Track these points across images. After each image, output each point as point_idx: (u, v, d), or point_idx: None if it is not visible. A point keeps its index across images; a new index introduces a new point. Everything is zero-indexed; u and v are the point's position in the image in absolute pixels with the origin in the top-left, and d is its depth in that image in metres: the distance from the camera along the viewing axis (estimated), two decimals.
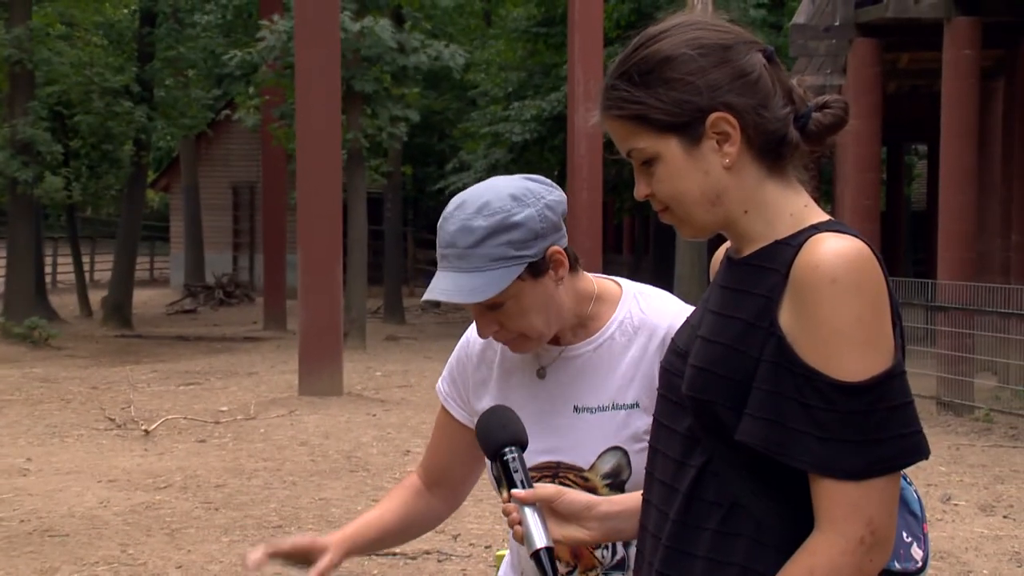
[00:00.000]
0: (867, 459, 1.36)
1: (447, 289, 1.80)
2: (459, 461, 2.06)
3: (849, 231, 1.42)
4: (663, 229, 18.78)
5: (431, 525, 2.10)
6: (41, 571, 5.52)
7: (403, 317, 20.38)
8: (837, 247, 1.38)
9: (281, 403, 10.48)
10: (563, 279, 1.87)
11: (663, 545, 1.51)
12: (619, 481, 1.87)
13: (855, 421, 1.36)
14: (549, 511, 1.65)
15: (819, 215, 1.48)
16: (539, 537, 1.61)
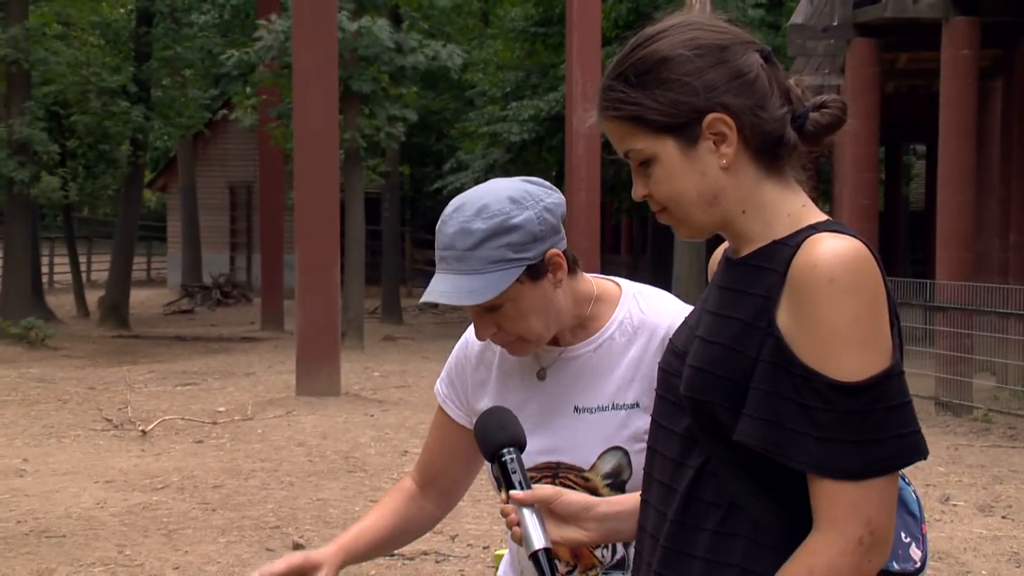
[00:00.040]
0: (865, 459, 1.36)
1: (446, 291, 1.80)
2: (456, 462, 2.06)
3: (847, 231, 1.42)
4: (661, 229, 18.78)
5: (425, 529, 2.10)
6: (38, 572, 5.51)
7: (401, 317, 20.37)
8: (835, 247, 1.38)
9: (278, 403, 10.47)
10: (561, 282, 1.86)
11: (661, 546, 1.51)
12: (620, 481, 1.86)
13: (853, 421, 1.36)
14: (547, 512, 1.64)
15: (817, 215, 1.48)
16: (537, 538, 1.61)
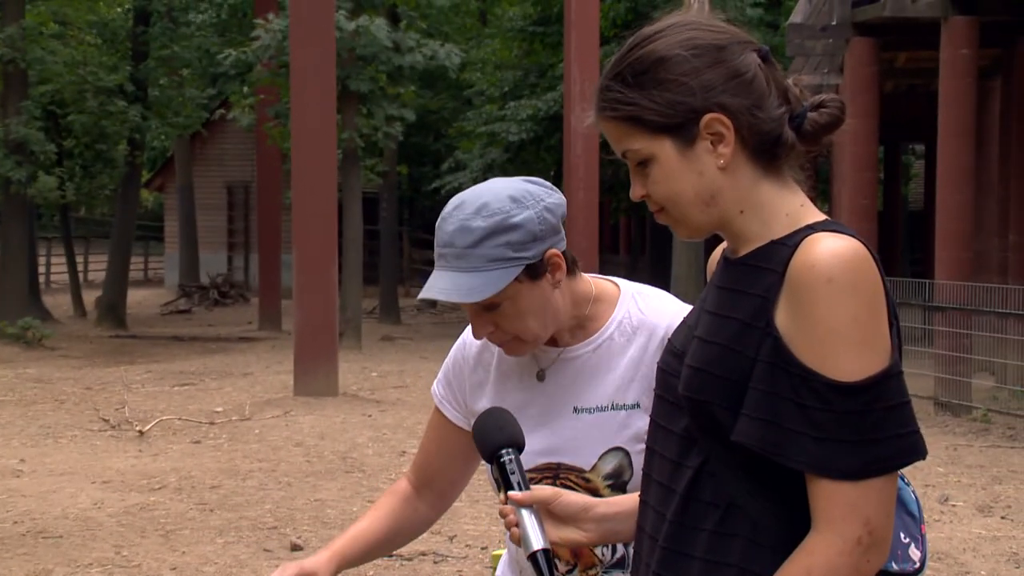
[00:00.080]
0: (864, 459, 1.36)
1: (445, 288, 1.80)
2: (452, 464, 2.05)
3: (846, 231, 1.42)
4: (660, 229, 18.76)
5: (420, 530, 2.10)
6: (34, 573, 5.49)
7: (399, 317, 20.35)
8: (833, 247, 1.37)
9: (276, 404, 10.45)
10: (560, 282, 1.86)
11: (660, 546, 1.51)
12: (621, 482, 1.86)
13: (851, 421, 1.35)
14: (546, 513, 1.64)
15: (815, 215, 1.48)
16: (536, 539, 1.61)
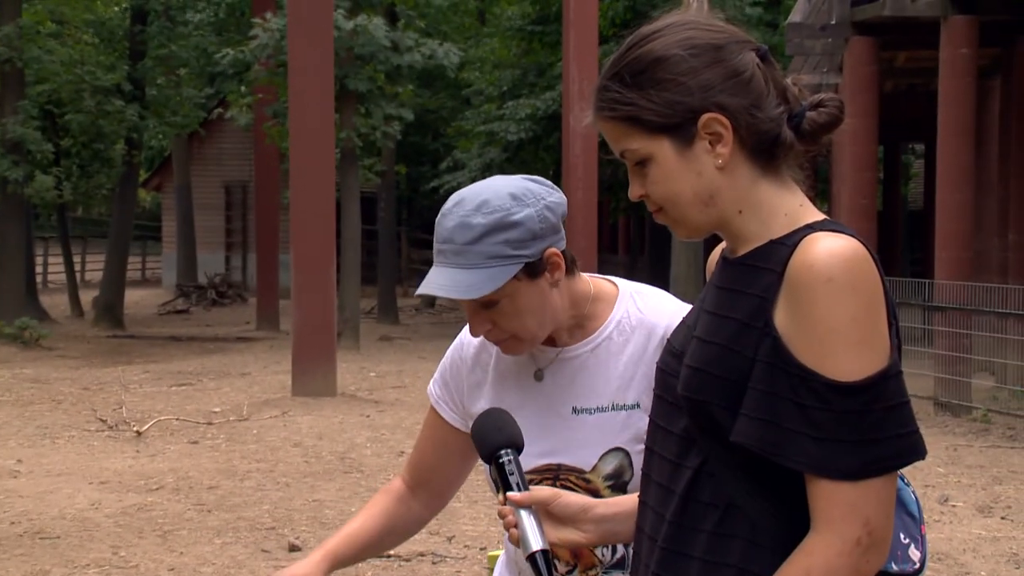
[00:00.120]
0: (863, 459, 1.36)
1: (443, 284, 1.80)
2: (448, 464, 2.05)
3: (845, 230, 1.41)
4: (659, 229, 18.73)
5: (414, 530, 2.09)
6: (31, 574, 5.47)
7: (397, 317, 20.33)
8: (832, 246, 1.37)
9: (274, 404, 10.43)
10: (559, 281, 1.85)
11: (659, 547, 1.51)
12: (621, 482, 1.86)
13: (851, 421, 1.35)
14: (545, 514, 1.64)
15: (814, 214, 1.48)
16: (535, 540, 1.60)
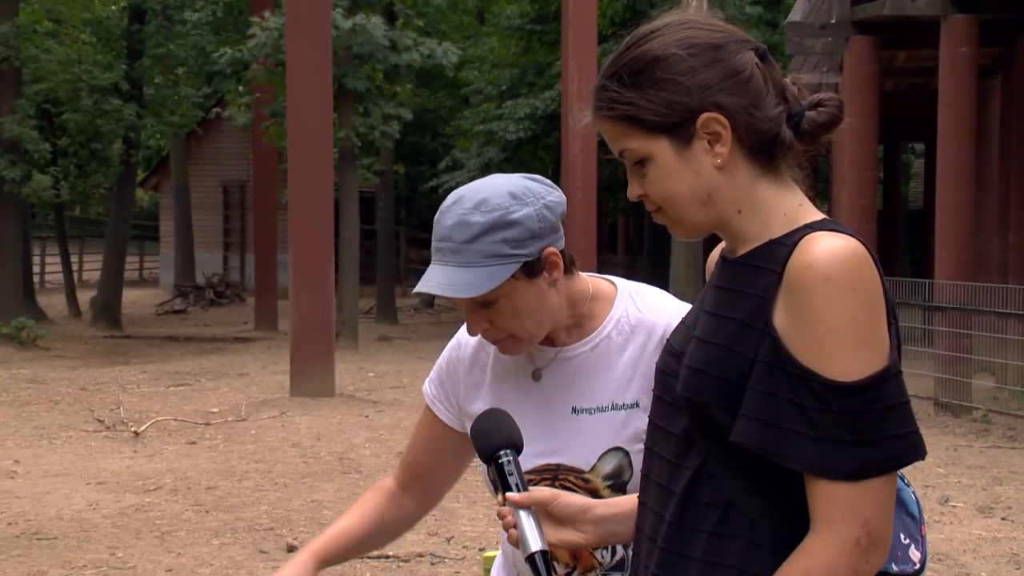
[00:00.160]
0: (863, 459, 1.35)
1: (441, 283, 1.79)
2: (442, 463, 2.05)
3: (844, 230, 1.41)
4: (658, 229, 18.68)
5: (405, 528, 2.08)
6: (29, 575, 5.45)
7: (395, 317, 20.30)
8: (831, 246, 1.37)
9: (272, 404, 10.41)
10: (557, 281, 1.85)
11: (659, 547, 1.51)
12: (621, 482, 1.85)
13: (850, 421, 1.35)
14: (544, 514, 1.64)
15: (814, 214, 1.47)
16: (534, 541, 1.60)
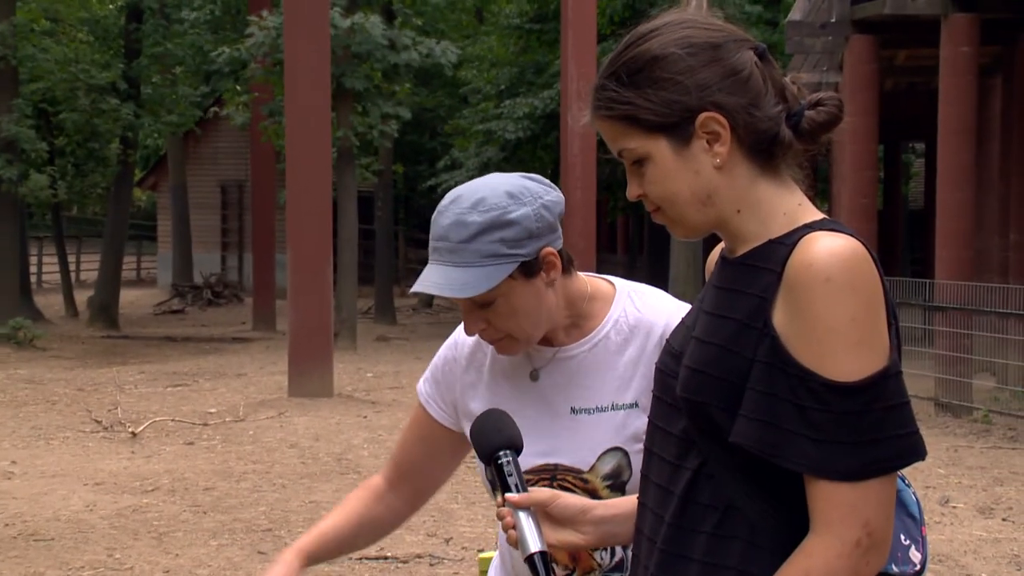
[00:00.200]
0: (863, 460, 1.35)
1: (438, 282, 1.78)
2: (433, 462, 2.04)
3: (844, 229, 1.41)
4: (658, 229, 18.67)
5: (392, 527, 2.07)
6: None
7: (394, 317, 20.27)
8: (831, 245, 1.37)
9: (270, 405, 10.39)
10: (555, 281, 1.84)
11: (658, 548, 1.50)
12: (620, 482, 1.84)
13: (850, 422, 1.35)
14: (544, 515, 1.63)
15: (813, 214, 1.47)
16: (533, 541, 1.59)
